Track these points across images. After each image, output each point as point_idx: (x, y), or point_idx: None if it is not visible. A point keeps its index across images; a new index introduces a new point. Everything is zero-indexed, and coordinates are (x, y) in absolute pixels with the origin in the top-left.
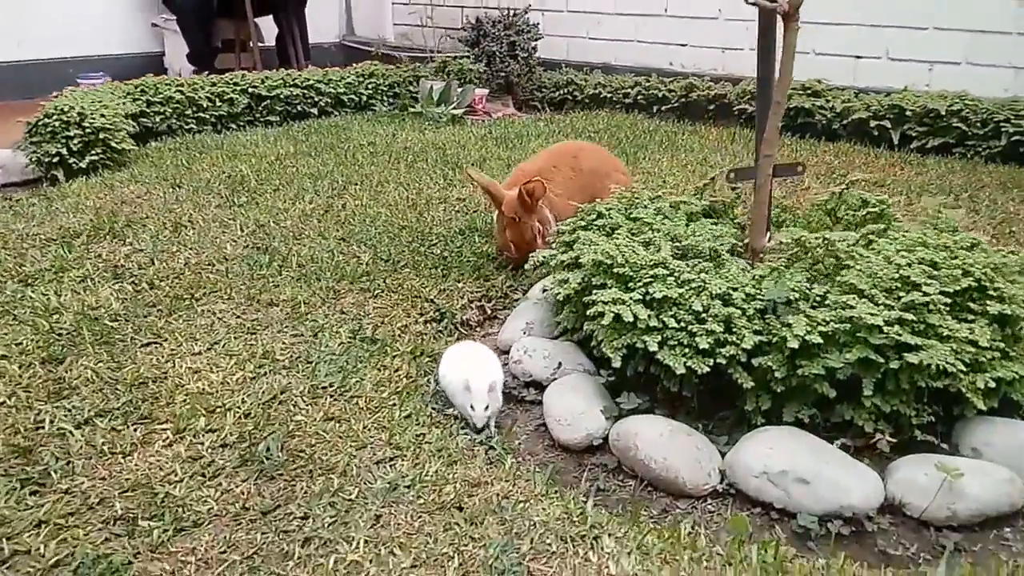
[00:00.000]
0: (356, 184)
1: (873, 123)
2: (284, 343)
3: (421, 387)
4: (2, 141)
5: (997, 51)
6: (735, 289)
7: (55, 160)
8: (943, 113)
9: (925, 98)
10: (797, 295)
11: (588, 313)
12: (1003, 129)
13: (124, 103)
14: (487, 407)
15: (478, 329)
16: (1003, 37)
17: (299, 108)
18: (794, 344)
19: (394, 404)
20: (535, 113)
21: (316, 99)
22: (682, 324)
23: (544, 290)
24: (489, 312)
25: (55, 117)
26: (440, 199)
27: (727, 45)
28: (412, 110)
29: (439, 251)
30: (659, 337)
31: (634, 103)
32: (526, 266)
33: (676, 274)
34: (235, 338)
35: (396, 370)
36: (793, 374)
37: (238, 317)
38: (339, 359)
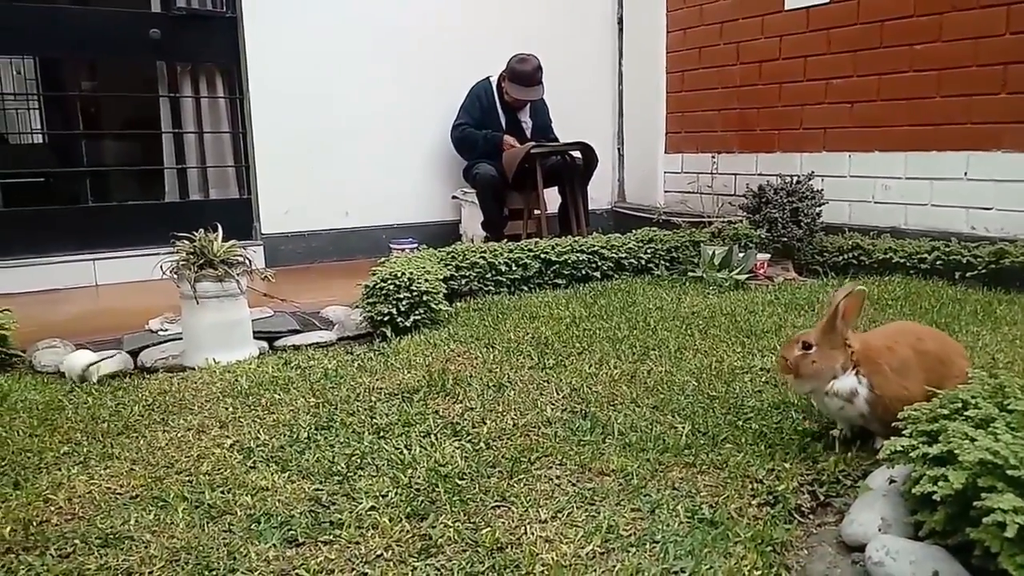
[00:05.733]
0: (655, 350)
1: None
2: (625, 518)
3: None
4: (340, 297)
5: None
6: None
7: (385, 319)
8: None
9: None
10: None
11: (985, 521)
12: None
13: (439, 268)
14: None
15: (811, 516)
16: None
17: (584, 272)
18: None
19: None
20: (817, 278)
21: (599, 263)
22: None
23: (891, 481)
24: (822, 498)
25: (389, 281)
26: (743, 369)
27: None
28: (692, 274)
29: (756, 426)
30: None
31: (931, 269)
32: (879, 456)
33: None
34: (576, 508)
35: (742, 558)
36: None
37: (574, 485)
38: (684, 541)
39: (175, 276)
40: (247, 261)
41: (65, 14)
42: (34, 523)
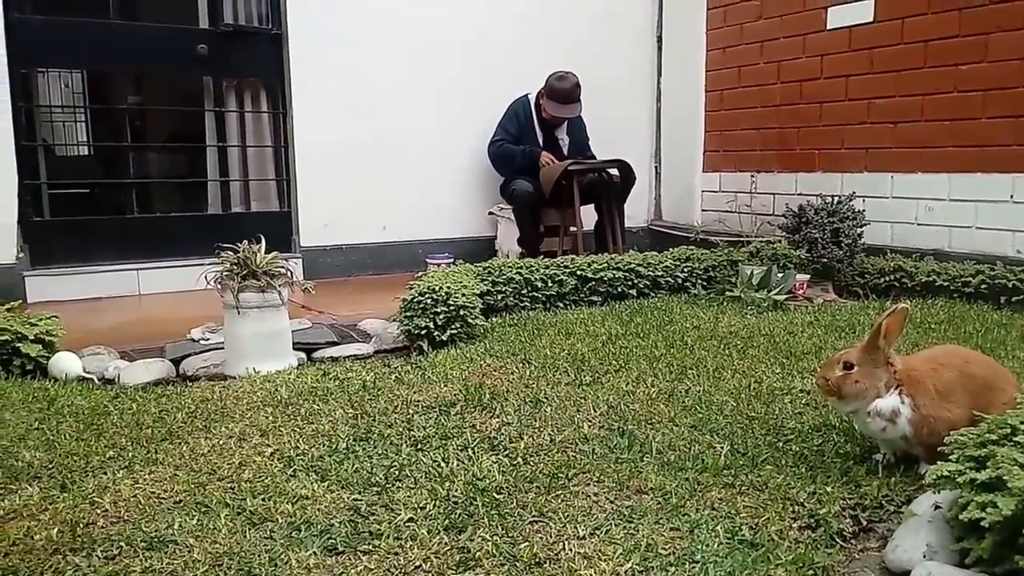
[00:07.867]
0: (692, 369)
1: None
2: (664, 536)
3: None
4: (377, 310)
5: None
6: None
7: (422, 332)
8: None
9: None
10: None
11: None
12: None
13: (476, 283)
14: None
15: (853, 541)
16: None
17: (620, 289)
18: None
19: None
20: (857, 300)
21: (635, 281)
22: None
23: (937, 507)
24: (864, 523)
25: (426, 295)
26: (783, 390)
27: None
28: (729, 294)
29: (797, 448)
30: None
31: (976, 292)
32: (924, 481)
33: None
34: (615, 525)
35: None
36: None
37: (612, 502)
38: (724, 562)
39: (219, 286)
40: (289, 272)
41: (115, 29)
42: (81, 525)
